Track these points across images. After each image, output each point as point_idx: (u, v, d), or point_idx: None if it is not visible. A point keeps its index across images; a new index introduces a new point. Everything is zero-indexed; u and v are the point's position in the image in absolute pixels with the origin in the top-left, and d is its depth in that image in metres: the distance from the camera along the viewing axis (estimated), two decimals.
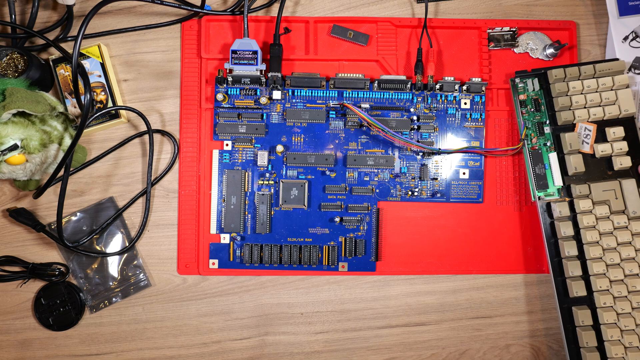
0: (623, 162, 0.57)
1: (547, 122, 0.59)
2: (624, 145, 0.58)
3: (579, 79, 0.58)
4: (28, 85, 0.57)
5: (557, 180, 0.58)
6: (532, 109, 0.60)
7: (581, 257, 0.57)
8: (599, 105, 0.58)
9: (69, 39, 0.64)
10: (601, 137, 0.59)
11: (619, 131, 0.58)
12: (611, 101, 0.58)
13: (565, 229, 0.57)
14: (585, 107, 0.58)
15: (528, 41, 0.63)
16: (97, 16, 0.63)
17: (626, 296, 0.56)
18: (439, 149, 0.60)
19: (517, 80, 0.60)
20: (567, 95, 0.59)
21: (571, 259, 0.57)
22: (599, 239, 0.57)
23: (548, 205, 0.58)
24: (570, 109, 0.58)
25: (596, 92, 0.58)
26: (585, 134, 0.58)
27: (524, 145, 0.59)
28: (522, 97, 0.60)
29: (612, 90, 0.58)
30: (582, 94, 0.58)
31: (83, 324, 0.62)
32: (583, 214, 0.57)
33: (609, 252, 0.56)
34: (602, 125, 0.59)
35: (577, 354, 0.56)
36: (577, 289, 0.56)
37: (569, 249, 0.57)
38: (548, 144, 0.59)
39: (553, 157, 0.59)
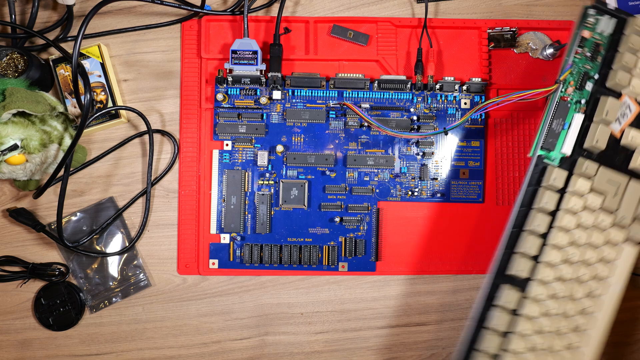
0: None
1: (595, 77, 0.51)
2: None
3: None
4: (28, 85, 0.57)
5: (568, 147, 0.50)
6: (588, 55, 0.51)
7: (543, 237, 0.50)
8: None
9: (69, 39, 0.64)
10: (637, 124, 0.50)
11: None
12: None
13: (548, 200, 0.49)
14: None
15: (528, 41, 0.63)
16: (97, 16, 0.63)
17: (560, 297, 0.50)
18: (445, 128, 0.58)
19: (592, 12, 0.51)
20: (636, 54, 0.50)
21: (534, 234, 0.49)
22: (572, 228, 0.49)
23: (543, 170, 0.50)
24: (629, 72, 0.49)
25: None
26: (624, 112, 0.49)
27: (556, 90, 0.51)
28: (586, 33, 0.50)
29: None
30: None
31: (83, 324, 0.62)
32: (574, 195, 0.49)
33: (572, 247, 0.49)
34: None
35: (477, 332, 0.50)
36: (521, 268, 0.49)
37: (539, 222, 0.49)
38: (582, 102, 0.50)
39: (578, 118, 0.50)
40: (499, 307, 0.49)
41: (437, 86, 0.61)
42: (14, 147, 0.54)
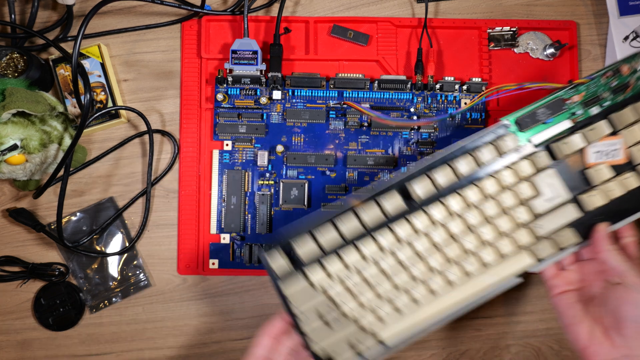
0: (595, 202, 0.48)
1: (604, 105, 0.48)
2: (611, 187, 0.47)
3: None
4: (28, 85, 0.57)
5: (538, 138, 0.48)
6: (612, 85, 0.48)
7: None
8: None
9: (69, 39, 0.64)
10: (613, 171, 0.48)
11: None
12: None
13: (486, 153, 0.48)
14: None
15: (528, 41, 0.63)
16: (97, 16, 0.63)
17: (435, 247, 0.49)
18: (450, 113, 0.58)
19: None
20: None
21: (448, 170, 0.48)
22: (488, 194, 0.48)
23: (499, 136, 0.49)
24: (637, 121, 0.48)
25: None
26: (610, 152, 0.48)
27: (564, 87, 0.49)
28: (625, 69, 0.48)
29: None
30: None
31: (83, 324, 0.62)
32: (510, 169, 0.48)
33: (475, 210, 0.48)
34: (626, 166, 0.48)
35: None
36: (421, 190, 0.48)
37: (464, 164, 0.48)
38: (578, 112, 0.48)
39: (565, 124, 0.48)
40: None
41: (437, 86, 0.61)
42: (14, 147, 0.54)
